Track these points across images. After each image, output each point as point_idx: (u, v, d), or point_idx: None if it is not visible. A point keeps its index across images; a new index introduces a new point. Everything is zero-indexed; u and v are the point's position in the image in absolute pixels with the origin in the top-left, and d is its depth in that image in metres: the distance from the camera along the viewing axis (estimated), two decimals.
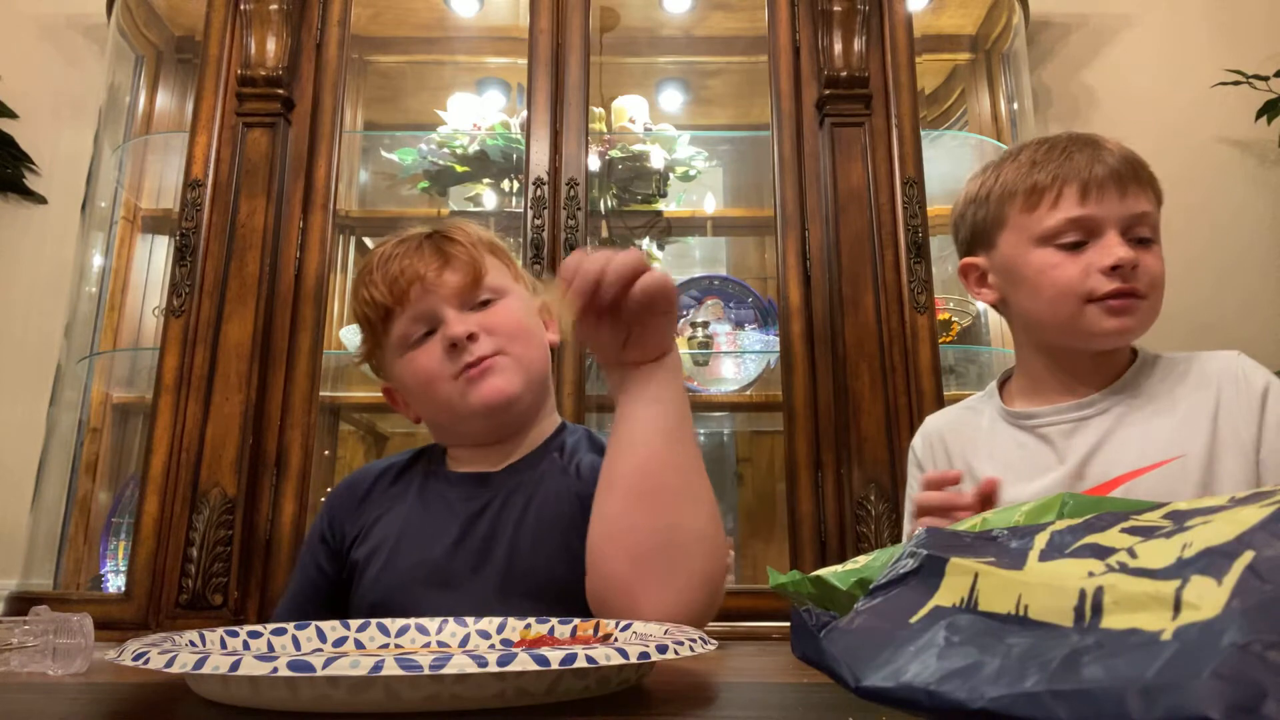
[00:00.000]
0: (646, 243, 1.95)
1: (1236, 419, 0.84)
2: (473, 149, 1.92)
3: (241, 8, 1.69)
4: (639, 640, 0.42)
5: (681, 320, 1.87)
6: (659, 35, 2.11)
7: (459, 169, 1.93)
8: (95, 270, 1.89)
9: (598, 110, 1.90)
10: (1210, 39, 2.21)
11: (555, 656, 0.36)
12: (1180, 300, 2.02)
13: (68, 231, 2.00)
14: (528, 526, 0.80)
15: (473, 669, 0.35)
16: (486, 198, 1.98)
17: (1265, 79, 1.96)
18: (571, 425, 0.92)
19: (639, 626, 0.54)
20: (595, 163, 1.84)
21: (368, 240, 2.07)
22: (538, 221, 1.64)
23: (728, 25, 2.05)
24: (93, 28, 2.16)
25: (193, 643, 0.47)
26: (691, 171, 1.97)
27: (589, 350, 0.70)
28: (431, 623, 0.60)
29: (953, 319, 1.82)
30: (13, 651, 0.52)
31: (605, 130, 1.94)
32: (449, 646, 0.58)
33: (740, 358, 1.86)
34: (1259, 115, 2.00)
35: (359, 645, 0.58)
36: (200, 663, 0.36)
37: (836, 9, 1.67)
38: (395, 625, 0.59)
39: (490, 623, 0.60)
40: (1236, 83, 1.97)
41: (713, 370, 1.87)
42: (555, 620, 0.58)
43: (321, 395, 1.60)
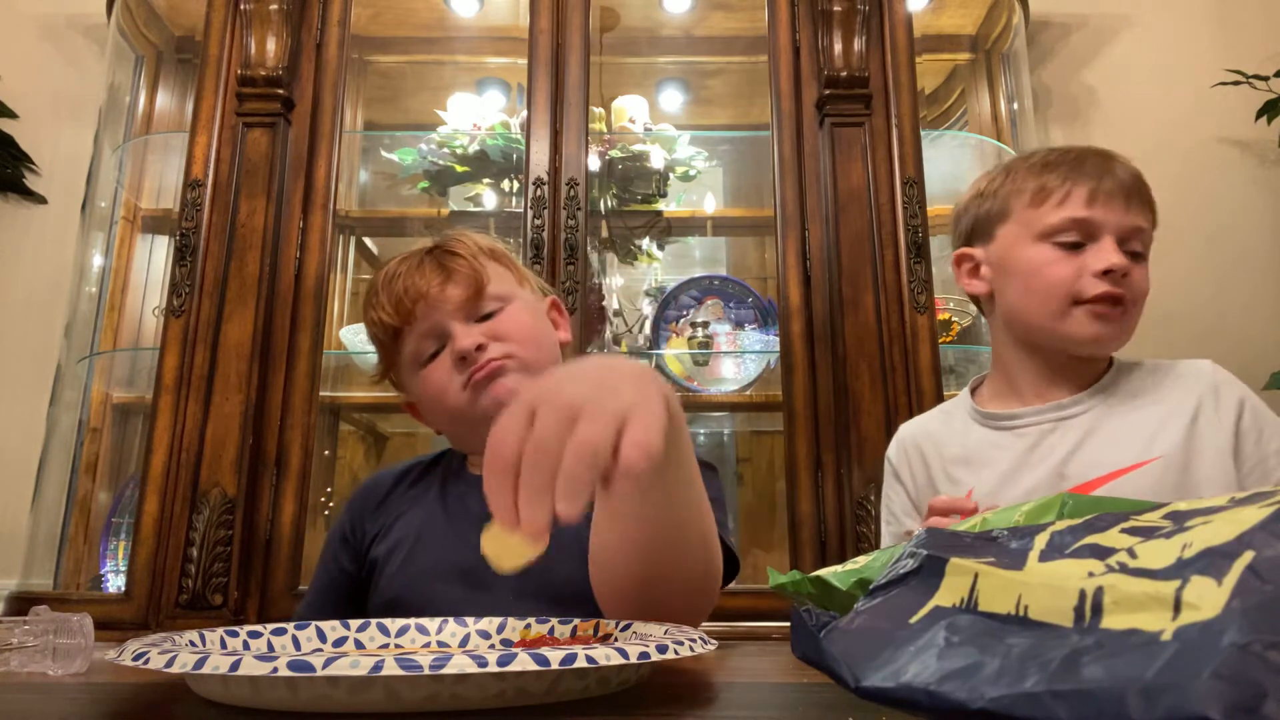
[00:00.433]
0: (647, 242, 1.95)
1: (1213, 424, 0.87)
2: (473, 149, 1.92)
3: (241, 8, 1.69)
4: (639, 640, 0.42)
5: (681, 320, 1.87)
6: (659, 35, 2.11)
7: (459, 169, 1.93)
8: (95, 270, 1.89)
9: (598, 110, 1.90)
10: (1210, 39, 2.21)
11: (555, 656, 0.36)
12: (1180, 300, 2.03)
13: (68, 231, 2.00)
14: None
15: (473, 669, 0.35)
16: (486, 198, 1.97)
17: (1265, 79, 1.96)
18: None
19: (639, 626, 0.54)
20: (595, 163, 1.84)
21: (368, 240, 2.07)
22: (538, 221, 1.64)
23: (728, 25, 2.05)
24: (93, 28, 2.16)
25: (193, 643, 0.47)
26: (691, 171, 1.97)
27: None
28: (431, 623, 0.60)
29: (953, 319, 1.82)
30: (13, 651, 0.52)
31: (605, 130, 1.94)
32: (449, 646, 0.58)
33: (740, 358, 1.86)
34: (1259, 115, 1.99)
35: (359, 645, 0.58)
36: (200, 663, 0.36)
37: (836, 9, 1.67)
38: (395, 625, 0.59)
39: (490, 623, 0.60)
40: (1236, 83, 1.97)
41: (713, 370, 1.87)
42: (555, 620, 0.58)
43: (321, 395, 1.60)
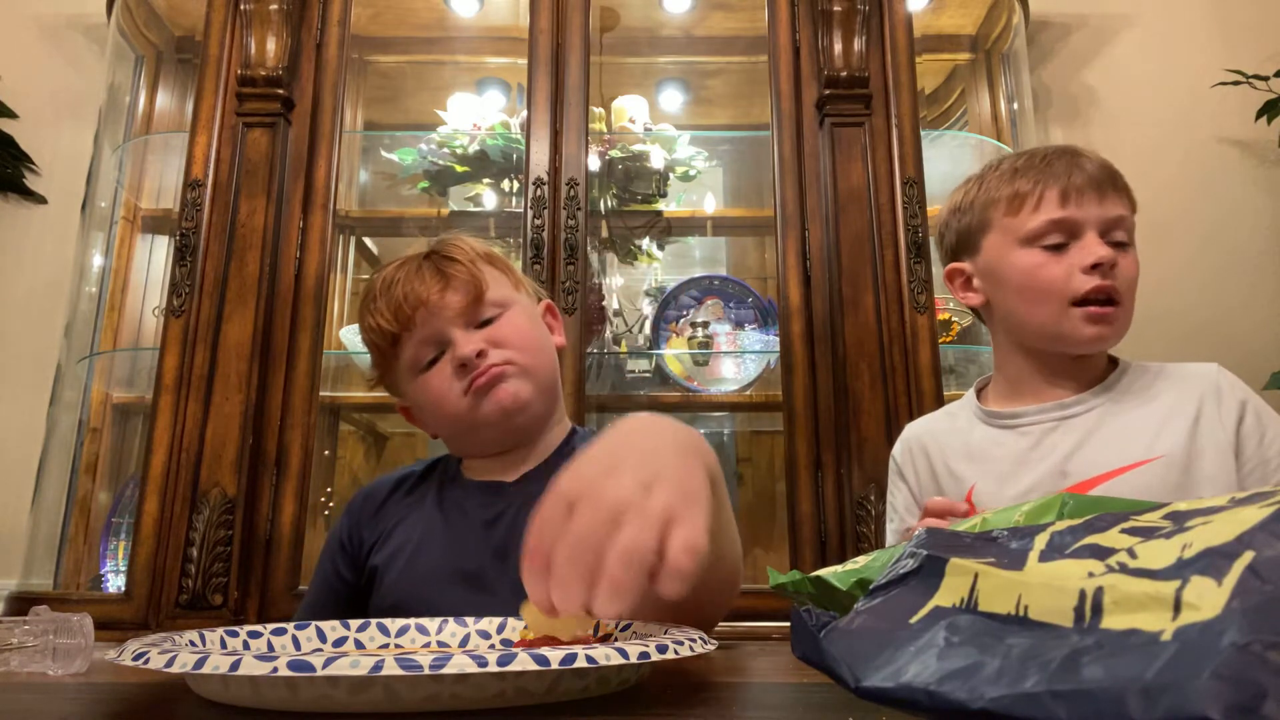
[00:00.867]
0: (647, 242, 1.95)
1: (1215, 425, 0.88)
2: (473, 149, 1.92)
3: (241, 8, 1.69)
4: (639, 640, 0.42)
5: (681, 320, 1.87)
6: (659, 35, 2.11)
7: (459, 169, 1.93)
8: (95, 270, 1.89)
9: (598, 110, 1.90)
10: (1210, 39, 2.21)
11: (555, 656, 0.36)
12: (1180, 300, 2.03)
13: (68, 231, 2.00)
14: None
15: (473, 669, 0.35)
16: (486, 198, 1.97)
17: (1265, 79, 1.96)
18: (581, 430, 0.94)
19: (639, 626, 0.54)
20: (595, 163, 1.84)
21: (368, 240, 2.07)
22: (538, 221, 1.64)
23: (728, 25, 2.05)
24: (93, 28, 2.16)
25: (193, 643, 0.47)
26: (691, 171, 1.97)
27: None
28: (431, 623, 0.60)
29: (953, 319, 1.82)
30: (13, 651, 0.52)
31: (605, 130, 1.94)
32: (449, 646, 0.58)
33: (740, 358, 1.86)
34: (1259, 115, 1.99)
35: (359, 645, 0.58)
36: (200, 663, 0.36)
37: (836, 9, 1.67)
38: (395, 625, 0.59)
39: (490, 623, 0.60)
40: (1236, 83, 1.97)
41: (713, 370, 1.87)
42: None
43: (321, 395, 1.60)
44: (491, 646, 0.58)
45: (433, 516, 0.87)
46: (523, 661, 0.35)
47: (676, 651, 0.40)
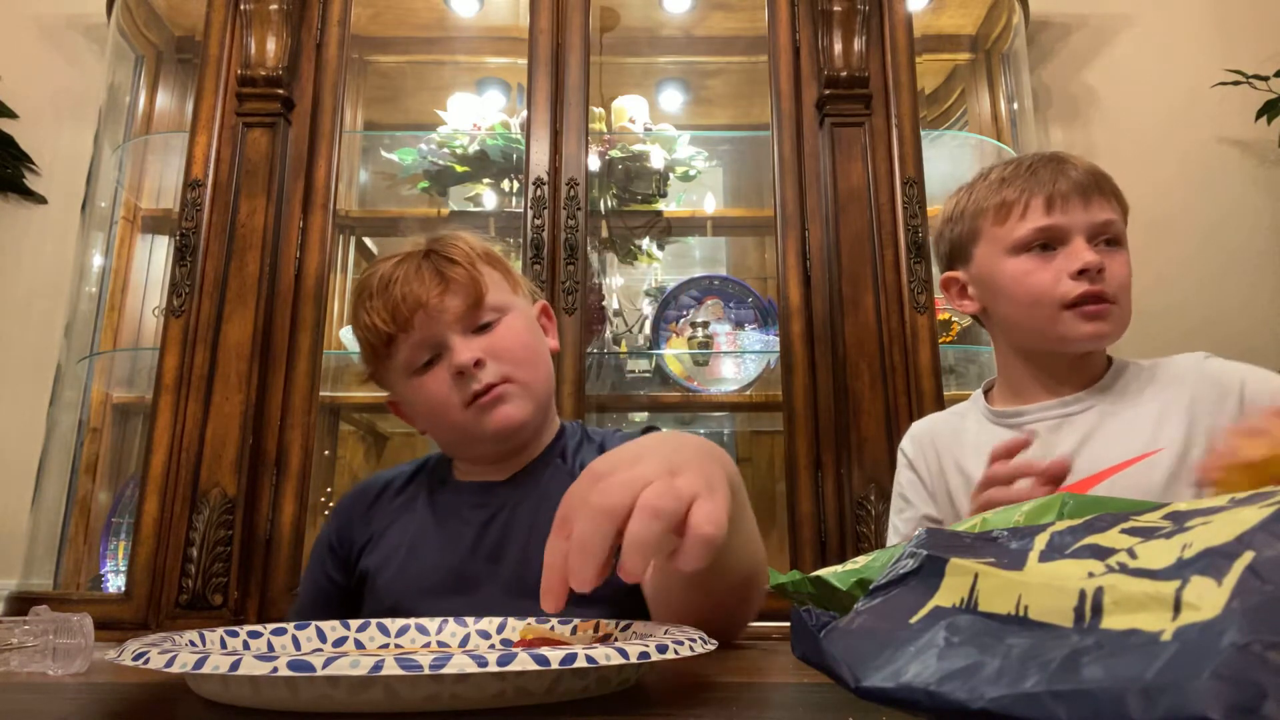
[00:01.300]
0: (647, 242, 1.95)
1: (1212, 410, 0.88)
2: (473, 149, 1.92)
3: (241, 8, 1.69)
4: (639, 640, 0.42)
5: (681, 320, 1.87)
6: (659, 35, 2.11)
7: (459, 169, 1.93)
8: (95, 270, 1.89)
9: (598, 110, 1.90)
10: (1210, 39, 2.21)
11: (555, 656, 0.36)
12: (1180, 299, 2.03)
13: (68, 231, 2.00)
14: (538, 534, 0.81)
15: (473, 669, 0.35)
16: (486, 198, 1.98)
17: (1265, 79, 1.96)
18: (570, 426, 0.93)
19: (639, 626, 0.54)
20: (595, 163, 1.84)
21: (368, 240, 2.07)
22: (538, 221, 1.64)
23: (728, 25, 2.05)
24: (93, 28, 2.16)
25: (193, 643, 0.47)
26: (691, 171, 1.97)
27: None
28: (431, 623, 0.60)
29: (953, 319, 1.82)
30: (13, 651, 0.52)
31: (605, 130, 1.94)
32: (449, 646, 0.58)
33: (740, 358, 1.86)
34: (1259, 115, 2.00)
35: (359, 645, 0.58)
36: (200, 663, 0.36)
37: (836, 9, 1.67)
38: (395, 625, 0.59)
39: (490, 623, 0.60)
40: (1236, 83, 1.97)
41: (713, 370, 1.87)
42: (555, 619, 0.58)
43: (321, 395, 1.60)
44: (491, 646, 0.58)
45: (425, 519, 0.87)
46: (523, 661, 0.35)
47: (676, 651, 0.40)
